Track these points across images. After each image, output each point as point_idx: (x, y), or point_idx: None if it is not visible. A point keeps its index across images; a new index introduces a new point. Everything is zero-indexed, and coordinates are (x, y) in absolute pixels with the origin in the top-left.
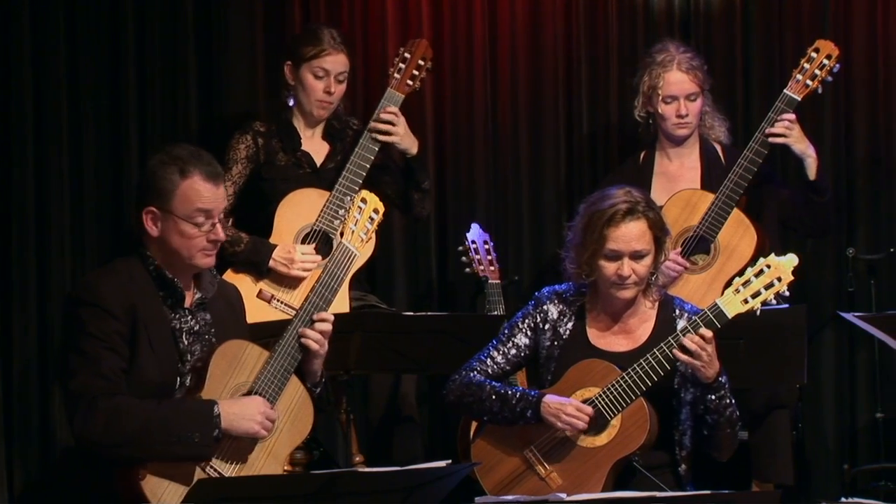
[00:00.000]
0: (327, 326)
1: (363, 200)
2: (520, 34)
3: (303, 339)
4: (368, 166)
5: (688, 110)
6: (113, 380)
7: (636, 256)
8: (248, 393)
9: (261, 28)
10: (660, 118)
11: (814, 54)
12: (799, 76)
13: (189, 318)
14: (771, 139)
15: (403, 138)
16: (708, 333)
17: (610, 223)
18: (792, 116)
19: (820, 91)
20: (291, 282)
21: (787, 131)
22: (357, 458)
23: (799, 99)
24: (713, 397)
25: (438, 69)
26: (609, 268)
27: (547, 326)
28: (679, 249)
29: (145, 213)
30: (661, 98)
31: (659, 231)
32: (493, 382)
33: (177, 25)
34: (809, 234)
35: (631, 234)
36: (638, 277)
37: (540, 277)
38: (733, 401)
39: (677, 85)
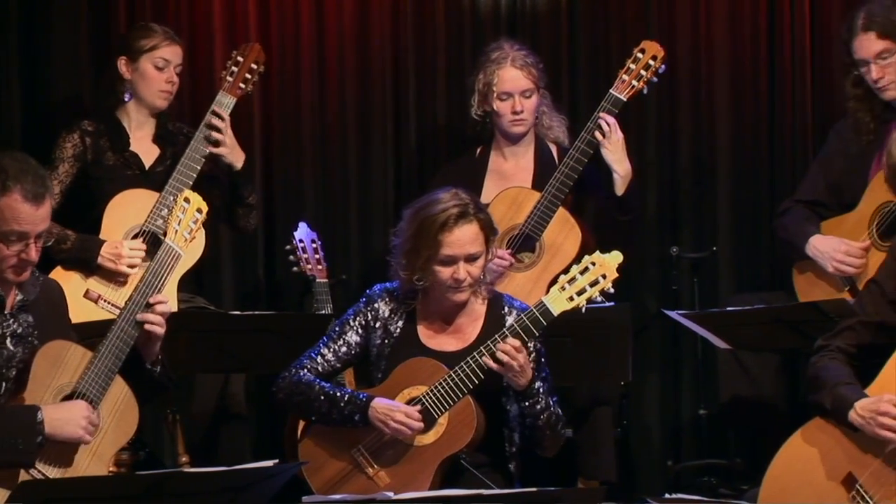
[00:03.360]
0: (167, 308)
1: (186, 200)
2: (347, 34)
3: (146, 326)
4: (199, 168)
5: (523, 107)
6: None
7: (470, 259)
8: (72, 394)
9: (86, 27)
10: (496, 116)
11: (640, 55)
12: (625, 76)
13: (11, 321)
14: (596, 133)
15: (230, 151)
16: (516, 344)
17: (444, 228)
18: (613, 121)
19: (646, 92)
20: (119, 282)
21: (605, 129)
22: (183, 459)
23: (624, 99)
24: (526, 404)
25: (266, 66)
26: (444, 272)
27: (378, 325)
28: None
29: None
30: (496, 95)
31: (490, 231)
32: (323, 382)
33: None
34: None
35: (465, 237)
36: (473, 279)
37: (368, 276)
38: (550, 404)
39: (512, 81)
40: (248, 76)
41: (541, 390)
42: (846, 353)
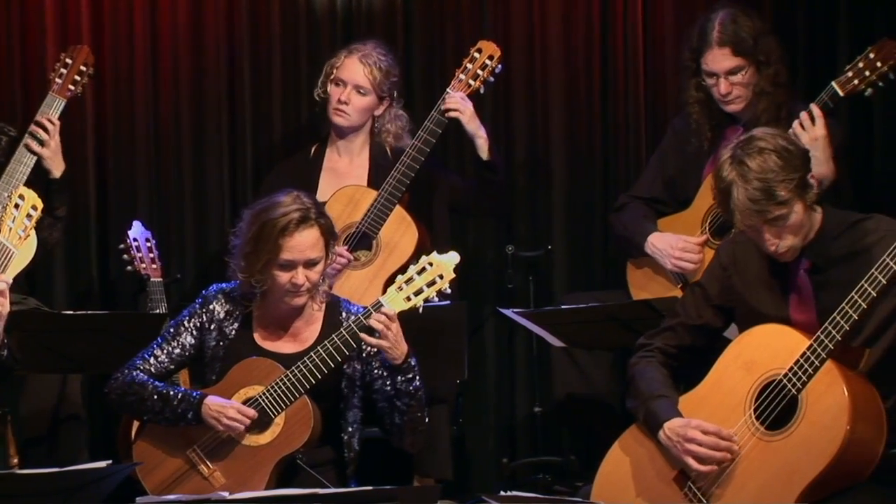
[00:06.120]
0: (4, 286)
1: (21, 197)
2: (181, 33)
3: None
4: (28, 170)
5: (349, 99)
6: None
7: (310, 264)
8: None
9: None
10: (327, 100)
11: (476, 54)
12: (462, 76)
13: None
14: (449, 114)
15: (52, 156)
16: (391, 311)
17: (284, 233)
18: (462, 95)
19: (482, 91)
20: None
21: (461, 104)
22: (14, 460)
23: (461, 95)
24: (402, 379)
25: (99, 66)
26: (283, 277)
27: (213, 326)
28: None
29: None
30: (332, 78)
31: (330, 236)
32: (156, 382)
33: None
34: (488, 216)
35: (305, 242)
36: (311, 284)
37: (203, 275)
38: (422, 384)
39: (349, 71)
40: (78, 78)
41: (415, 366)
42: (665, 353)
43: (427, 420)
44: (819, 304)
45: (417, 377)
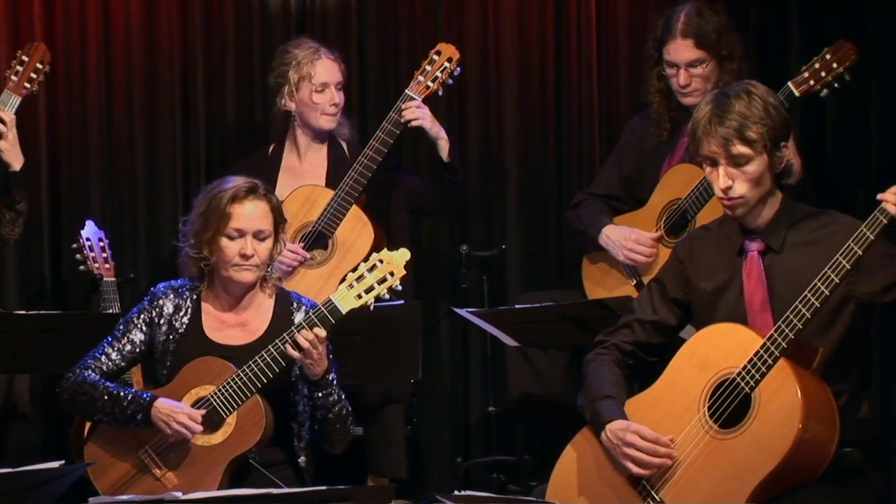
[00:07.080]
0: None
1: None
2: (134, 32)
3: None
4: None
5: (340, 99)
6: None
7: (259, 237)
8: None
9: None
10: (308, 109)
11: (435, 56)
12: (420, 77)
13: None
14: (411, 124)
15: (11, 149)
16: (322, 333)
17: (234, 201)
18: (418, 102)
19: (441, 93)
20: None
21: (419, 111)
22: None
23: (420, 99)
24: (320, 394)
25: (52, 65)
26: (232, 247)
27: (162, 321)
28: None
29: None
30: (314, 87)
31: (279, 216)
32: (108, 382)
33: None
34: (447, 215)
35: (255, 212)
36: (260, 260)
37: (156, 275)
38: (343, 397)
39: (329, 72)
40: (34, 76)
41: (334, 381)
42: (622, 350)
43: (349, 432)
44: (770, 288)
45: (336, 392)
